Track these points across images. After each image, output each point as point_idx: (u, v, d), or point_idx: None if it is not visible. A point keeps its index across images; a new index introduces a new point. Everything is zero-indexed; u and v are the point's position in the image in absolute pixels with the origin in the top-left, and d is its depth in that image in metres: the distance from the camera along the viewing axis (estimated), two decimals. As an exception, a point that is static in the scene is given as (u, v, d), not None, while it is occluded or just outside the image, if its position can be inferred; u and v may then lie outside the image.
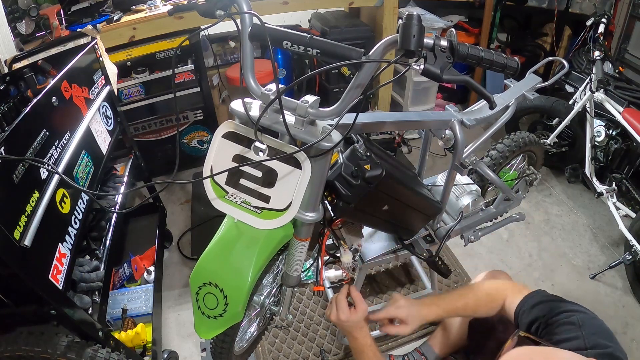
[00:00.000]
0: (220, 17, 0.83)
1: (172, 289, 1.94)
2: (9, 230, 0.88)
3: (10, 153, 0.92)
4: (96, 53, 1.59)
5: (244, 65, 0.87)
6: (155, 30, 2.13)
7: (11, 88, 1.43)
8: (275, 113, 0.84)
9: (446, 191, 1.27)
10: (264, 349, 1.66)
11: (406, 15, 0.68)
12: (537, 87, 1.50)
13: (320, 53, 0.79)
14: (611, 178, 2.17)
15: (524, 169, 1.82)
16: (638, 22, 2.56)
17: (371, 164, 0.96)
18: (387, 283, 1.92)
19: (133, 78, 2.23)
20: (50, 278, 0.99)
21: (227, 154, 0.87)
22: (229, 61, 2.74)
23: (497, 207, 1.59)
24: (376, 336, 1.68)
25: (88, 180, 1.36)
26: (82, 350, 1.05)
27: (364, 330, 1.11)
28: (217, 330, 0.97)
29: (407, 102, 2.88)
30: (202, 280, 0.92)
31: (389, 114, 1.34)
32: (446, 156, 2.71)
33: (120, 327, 1.51)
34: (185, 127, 2.56)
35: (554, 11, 2.87)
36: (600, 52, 2.03)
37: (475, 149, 1.31)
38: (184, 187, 2.56)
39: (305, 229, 0.97)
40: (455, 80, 0.73)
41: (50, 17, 1.87)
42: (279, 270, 1.23)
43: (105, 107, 1.62)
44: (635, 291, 1.88)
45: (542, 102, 2.40)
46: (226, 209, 0.89)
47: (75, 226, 1.19)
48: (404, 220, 1.23)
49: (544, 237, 2.21)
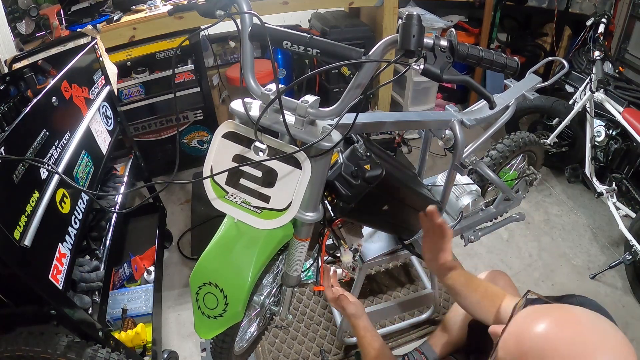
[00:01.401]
0: (220, 17, 0.83)
1: (172, 289, 1.94)
2: (9, 230, 0.88)
3: (10, 153, 0.92)
4: (96, 53, 1.59)
5: (244, 65, 0.87)
6: (155, 30, 2.13)
7: (11, 88, 1.43)
8: (275, 113, 0.84)
9: (446, 191, 1.27)
10: (264, 349, 1.66)
11: (406, 15, 0.68)
12: (537, 87, 1.50)
13: (320, 53, 0.79)
14: (611, 178, 2.17)
15: (524, 169, 1.82)
16: (638, 22, 2.56)
17: (371, 164, 0.96)
18: (387, 283, 1.92)
19: (133, 78, 2.23)
20: (50, 278, 0.99)
21: (227, 154, 0.87)
22: (229, 61, 2.74)
23: (497, 207, 1.59)
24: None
25: (88, 180, 1.36)
26: (82, 350, 1.05)
27: (362, 318, 1.15)
28: (217, 330, 0.97)
29: (407, 102, 2.88)
30: (202, 280, 0.92)
31: (389, 114, 1.34)
32: (446, 156, 2.71)
33: (120, 327, 1.51)
34: (185, 127, 2.56)
35: (554, 11, 2.87)
36: (600, 52, 2.03)
37: (475, 149, 1.31)
38: (184, 187, 2.56)
39: (305, 229, 0.97)
40: (455, 80, 0.73)
41: (50, 17, 1.87)
42: (279, 270, 1.23)
43: (105, 107, 1.62)
44: (635, 291, 1.88)
45: (542, 102, 2.40)
46: (226, 209, 0.89)
47: (75, 226, 1.18)
48: (404, 220, 1.23)
49: (544, 237, 2.21)
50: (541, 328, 0.63)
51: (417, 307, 1.77)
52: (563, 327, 0.63)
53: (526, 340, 0.64)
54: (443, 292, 1.89)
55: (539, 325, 0.64)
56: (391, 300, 1.83)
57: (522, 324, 0.67)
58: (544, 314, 0.66)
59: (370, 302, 1.84)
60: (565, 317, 0.65)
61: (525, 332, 0.65)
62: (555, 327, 0.63)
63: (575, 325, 0.63)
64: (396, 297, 1.85)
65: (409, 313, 1.78)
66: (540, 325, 0.64)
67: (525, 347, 0.63)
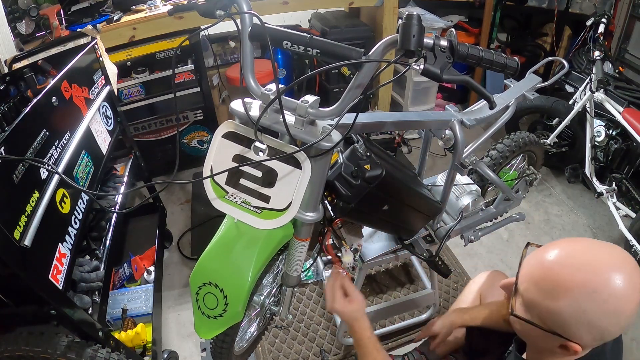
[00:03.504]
0: (220, 17, 0.83)
1: (172, 289, 1.94)
2: (9, 230, 0.88)
3: (10, 153, 0.92)
4: (96, 53, 1.59)
5: (244, 65, 0.87)
6: (155, 30, 2.13)
7: (11, 88, 1.43)
8: (275, 113, 0.84)
9: (446, 191, 1.27)
10: (264, 349, 1.66)
11: (406, 15, 0.68)
12: (537, 87, 1.49)
13: (320, 53, 0.79)
14: (611, 178, 2.17)
15: (524, 169, 1.82)
16: (638, 22, 2.56)
17: (371, 164, 0.96)
18: (387, 283, 1.92)
19: (133, 78, 2.23)
20: (50, 278, 0.99)
21: (227, 154, 0.87)
22: (229, 61, 2.74)
23: (497, 207, 1.59)
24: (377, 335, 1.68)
25: (88, 180, 1.36)
26: (82, 350, 1.05)
27: (361, 322, 1.08)
28: (217, 330, 0.97)
29: (407, 102, 2.88)
30: (202, 280, 0.92)
31: (389, 114, 1.34)
32: (446, 156, 2.70)
33: (120, 327, 1.51)
34: (185, 127, 2.56)
35: (554, 11, 2.87)
36: (600, 52, 2.03)
37: (475, 149, 1.31)
38: (184, 187, 2.56)
39: (305, 229, 0.97)
40: (455, 80, 0.73)
41: (50, 17, 1.87)
42: (279, 270, 1.23)
43: (105, 107, 1.62)
44: (635, 291, 1.88)
45: (542, 102, 2.40)
46: (226, 209, 0.89)
47: (75, 226, 1.18)
48: (404, 220, 1.23)
49: (544, 237, 2.21)
50: (556, 249, 0.72)
51: (417, 307, 1.77)
52: (574, 242, 0.73)
53: (546, 260, 0.71)
54: (443, 292, 1.89)
55: (553, 249, 0.72)
56: (391, 300, 1.83)
57: (536, 255, 0.75)
58: (552, 244, 0.74)
59: (370, 302, 1.83)
60: (571, 239, 0.75)
61: (543, 257, 0.72)
62: (568, 243, 0.73)
63: (582, 240, 0.73)
64: (396, 297, 1.85)
65: (409, 313, 1.78)
66: (554, 248, 0.72)
67: (546, 265, 0.71)
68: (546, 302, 0.69)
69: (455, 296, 1.82)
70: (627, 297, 0.65)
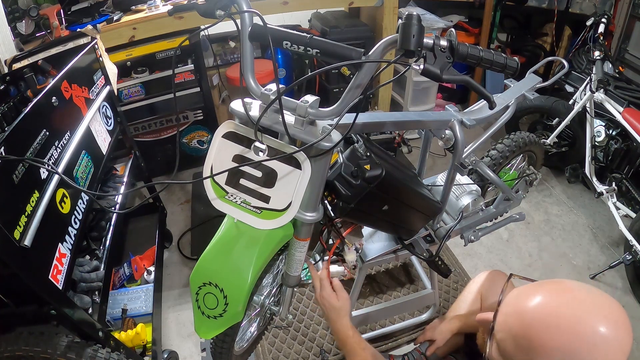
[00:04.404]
0: (220, 17, 0.83)
1: (172, 289, 1.94)
2: (9, 230, 0.88)
3: (10, 153, 0.92)
4: (96, 53, 1.59)
5: (244, 65, 0.87)
6: (155, 30, 2.13)
7: (11, 88, 1.43)
8: (275, 113, 0.83)
9: (446, 191, 1.27)
10: (264, 349, 1.66)
11: (406, 15, 0.68)
12: (537, 87, 1.49)
13: (320, 53, 0.79)
14: (611, 178, 2.17)
15: (524, 169, 1.82)
16: (638, 22, 2.56)
17: (371, 164, 0.96)
18: (387, 283, 1.92)
19: (133, 78, 2.23)
20: (50, 278, 0.99)
21: (227, 154, 0.87)
22: (229, 61, 2.74)
23: (497, 207, 1.59)
24: (376, 336, 1.68)
25: (88, 181, 1.36)
26: (82, 350, 1.05)
27: (344, 320, 1.09)
28: (217, 330, 0.97)
29: (407, 102, 2.88)
30: (202, 280, 0.92)
31: (389, 114, 1.34)
32: (446, 156, 2.71)
33: (120, 327, 1.51)
34: (185, 127, 2.56)
35: (554, 11, 2.87)
36: (600, 52, 2.03)
37: (475, 149, 1.31)
38: (184, 187, 2.56)
39: (305, 229, 0.96)
40: (455, 80, 0.73)
41: (50, 17, 1.87)
42: (279, 270, 1.23)
43: (105, 107, 1.62)
44: (635, 291, 1.88)
45: (542, 102, 2.40)
46: (226, 209, 0.89)
47: (75, 226, 1.18)
48: (404, 220, 1.23)
49: (544, 237, 2.21)
50: (538, 300, 0.67)
51: (417, 307, 1.77)
52: (558, 294, 0.67)
53: (527, 314, 0.67)
54: (443, 292, 1.89)
55: (535, 298, 0.67)
56: (391, 300, 1.83)
57: (517, 303, 0.70)
58: (535, 289, 0.70)
59: (370, 302, 1.84)
60: (556, 286, 0.70)
61: (523, 308, 0.68)
62: (551, 296, 0.67)
63: (567, 291, 0.67)
64: (396, 297, 1.85)
65: (409, 313, 1.78)
66: (536, 297, 0.67)
67: (527, 320, 0.66)
68: (522, 357, 0.66)
69: (455, 296, 1.82)
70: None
